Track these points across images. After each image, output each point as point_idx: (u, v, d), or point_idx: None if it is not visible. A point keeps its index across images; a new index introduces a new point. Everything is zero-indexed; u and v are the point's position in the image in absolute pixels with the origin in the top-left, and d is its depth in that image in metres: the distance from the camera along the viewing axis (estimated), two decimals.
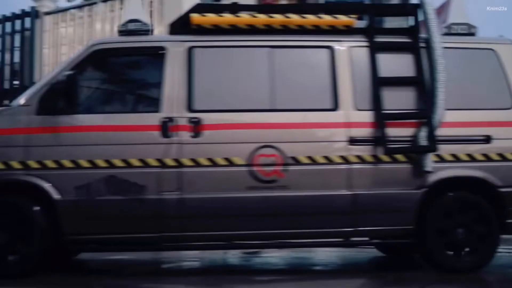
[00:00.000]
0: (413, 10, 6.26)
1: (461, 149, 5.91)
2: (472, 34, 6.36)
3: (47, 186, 5.55)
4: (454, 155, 5.88)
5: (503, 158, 5.93)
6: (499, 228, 5.90)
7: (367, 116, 5.89)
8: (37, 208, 5.59)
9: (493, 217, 5.89)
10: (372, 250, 7.47)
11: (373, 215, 5.85)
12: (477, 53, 6.23)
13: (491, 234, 5.89)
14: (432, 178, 5.84)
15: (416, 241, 5.96)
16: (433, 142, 5.77)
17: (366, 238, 6.24)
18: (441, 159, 5.87)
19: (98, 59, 5.99)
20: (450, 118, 5.91)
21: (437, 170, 5.84)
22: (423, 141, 5.79)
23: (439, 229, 5.90)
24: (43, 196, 5.57)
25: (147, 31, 6.12)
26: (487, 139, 5.93)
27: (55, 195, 5.54)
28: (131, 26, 6.08)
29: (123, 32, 6.14)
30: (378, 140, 5.81)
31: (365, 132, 5.86)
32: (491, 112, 6.04)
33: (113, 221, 5.65)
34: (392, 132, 5.82)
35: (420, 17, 6.14)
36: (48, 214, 5.58)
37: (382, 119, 5.82)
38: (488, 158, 5.91)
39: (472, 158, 5.90)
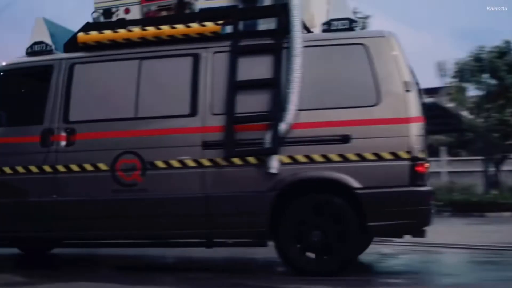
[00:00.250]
0: (278, 11, 6.15)
1: (317, 150, 5.75)
2: (352, 29, 6.11)
3: None
4: (308, 157, 5.75)
5: (362, 158, 5.67)
6: (359, 230, 5.72)
7: (221, 121, 5.96)
8: None
9: (351, 219, 5.70)
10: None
11: (228, 217, 5.98)
12: (345, 49, 6.03)
13: (350, 237, 5.72)
14: (284, 180, 5.79)
15: (274, 242, 5.99)
16: (275, 144, 5.72)
17: (225, 239, 6.43)
18: (295, 161, 5.78)
19: (1, 79, 7.00)
20: (306, 119, 5.81)
21: (290, 172, 5.79)
22: (267, 143, 5.77)
23: (294, 231, 5.87)
24: None
25: (50, 51, 6.82)
26: (346, 139, 5.71)
27: None
28: (36, 48, 6.85)
29: (29, 54, 6.90)
30: (227, 143, 5.88)
31: (218, 136, 5.94)
32: (352, 111, 5.80)
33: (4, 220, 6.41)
34: (241, 135, 5.87)
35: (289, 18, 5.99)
36: None
37: (231, 122, 5.88)
38: (345, 159, 5.68)
39: (327, 159, 5.72)
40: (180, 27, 6.35)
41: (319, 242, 5.78)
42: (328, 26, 6.16)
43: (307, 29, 6.43)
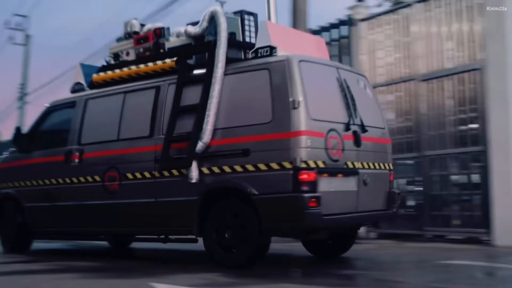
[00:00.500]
0: (208, 47, 7.22)
1: (227, 162, 6.73)
2: (272, 55, 6.86)
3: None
4: (220, 168, 6.77)
5: (257, 169, 6.51)
6: (259, 231, 6.56)
7: None
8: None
9: (252, 221, 6.56)
10: None
11: (169, 217, 7.25)
12: (254, 74, 6.86)
13: (252, 235, 6.58)
14: (203, 188, 6.85)
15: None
16: (191, 159, 6.83)
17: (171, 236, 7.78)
18: (212, 172, 6.83)
19: (47, 114, 9.22)
20: (221, 136, 6.85)
21: (208, 181, 6.88)
22: (184, 158, 6.96)
23: (213, 230, 6.86)
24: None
25: (82, 89, 8.73)
26: (246, 153, 6.60)
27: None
28: (75, 87, 8.88)
29: (72, 92, 8.93)
30: (161, 159, 7.17)
31: None
32: (253, 128, 6.64)
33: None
34: (174, 152, 7.11)
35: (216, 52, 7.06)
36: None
37: (168, 142, 7.15)
38: (246, 170, 6.58)
39: (233, 170, 6.67)
40: (151, 65, 7.77)
41: (231, 239, 6.75)
42: (256, 54, 7.02)
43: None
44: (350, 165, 6.84)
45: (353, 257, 7.94)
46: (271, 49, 6.89)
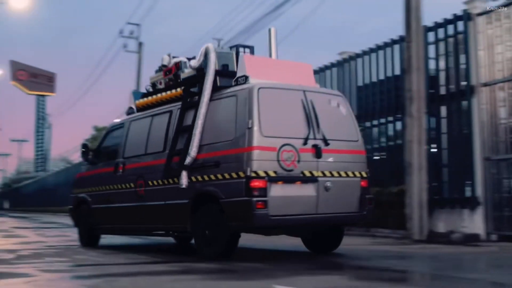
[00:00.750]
0: (199, 79, 8.74)
1: (206, 172, 8.21)
2: (246, 83, 8.21)
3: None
4: (202, 177, 8.26)
5: (224, 178, 7.91)
6: (228, 229, 7.95)
7: None
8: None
9: (222, 221, 7.94)
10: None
11: (172, 216, 8.87)
12: (228, 100, 8.32)
13: (224, 232, 7.97)
14: (192, 193, 8.35)
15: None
16: (180, 169, 8.42)
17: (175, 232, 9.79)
18: (197, 180, 8.33)
19: (108, 133, 11.40)
20: (204, 151, 8.32)
21: (194, 188, 8.34)
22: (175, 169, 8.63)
23: (198, 227, 8.36)
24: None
25: (133, 113, 10.65)
26: (217, 164, 8.05)
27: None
28: (128, 111, 10.87)
29: (127, 114, 10.95)
30: (164, 170, 8.89)
31: None
32: (222, 144, 8.12)
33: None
34: (174, 164, 8.68)
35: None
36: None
37: (170, 156, 8.82)
38: (217, 178, 8.01)
39: (210, 178, 8.15)
40: (169, 93, 9.53)
41: (209, 235, 8.19)
42: (236, 82, 8.39)
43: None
44: (308, 174, 8.00)
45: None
46: (246, 78, 8.25)
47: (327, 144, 8.20)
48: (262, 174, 7.62)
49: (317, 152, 8.09)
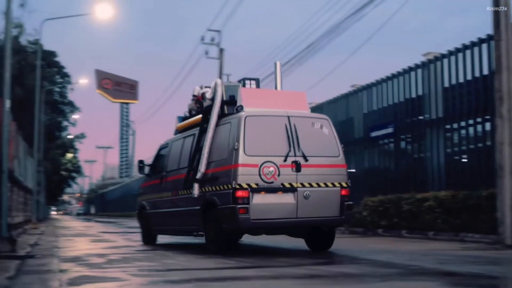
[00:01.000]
0: (208, 110, 10.65)
1: (209, 184, 10.10)
2: (240, 112, 10.06)
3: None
4: (209, 188, 10.11)
5: (220, 189, 9.73)
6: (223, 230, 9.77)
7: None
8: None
9: (220, 224, 9.69)
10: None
11: (191, 220, 10.79)
12: (225, 126, 10.17)
13: (222, 233, 9.81)
14: (202, 201, 10.24)
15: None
16: (192, 182, 10.42)
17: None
18: (205, 191, 10.21)
19: (159, 150, 13.47)
20: (210, 168, 10.20)
21: (204, 197, 10.20)
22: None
23: (206, 229, 10.30)
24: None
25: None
26: (216, 179, 9.92)
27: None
28: (175, 133, 13.02)
29: (175, 134, 13.26)
30: (183, 182, 10.97)
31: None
32: (219, 162, 10.00)
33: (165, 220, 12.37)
34: (191, 177, 10.61)
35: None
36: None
37: (189, 171, 10.83)
38: (216, 189, 9.87)
39: (213, 189, 10.00)
40: (194, 119, 11.64)
41: (214, 235, 10.06)
42: (236, 110, 10.26)
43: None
44: (287, 185, 9.53)
45: None
46: (241, 107, 10.14)
47: (306, 160, 9.74)
48: (245, 186, 9.30)
49: (297, 167, 9.66)
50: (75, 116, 67.94)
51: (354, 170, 20.04)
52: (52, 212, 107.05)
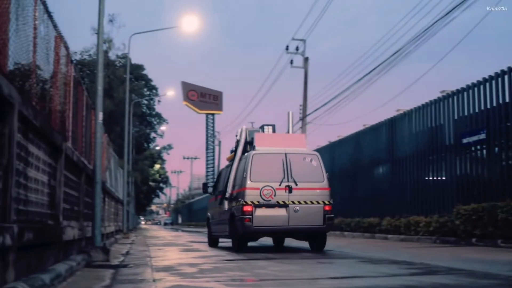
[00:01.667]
0: (236, 149, 15.41)
1: (233, 202, 14.15)
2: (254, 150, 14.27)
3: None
4: (232, 204, 14.16)
5: (237, 204, 13.66)
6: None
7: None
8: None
9: (238, 229, 13.62)
10: None
11: (224, 227, 15.00)
12: (244, 160, 14.46)
13: (236, 236, 13.98)
14: (229, 213, 14.27)
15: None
16: (223, 200, 14.88)
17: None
18: (231, 206, 14.24)
19: (219, 174, 18.18)
20: (234, 189, 14.33)
21: (230, 210, 14.30)
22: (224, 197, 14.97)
23: (230, 233, 14.35)
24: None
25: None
26: (236, 198, 14.03)
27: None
28: (229, 162, 16.46)
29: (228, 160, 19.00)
30: (219, 200, 15.61)
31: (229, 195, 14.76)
32: (237, 186, 14.03)
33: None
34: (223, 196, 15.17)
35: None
36: None
37: (223, 192, 15.12)
38: (236, 205, 13.79)
39: (234, 205, 13.89)
40: (232, 154, 16.06)
41: (233, 237, 14.14)
42: (252, 149, 14.27)
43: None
44: (281, 202, 13.31)
45: None
46: (254, 147, 14.19)
47: (296, 184, 13.45)
48: (249, 202, 13.22)
49: (289, 189, 13.42)
50: (162, 128, 69.39)
51: (444, 178, 19.55)
52: (141, 222, 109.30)
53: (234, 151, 15.09)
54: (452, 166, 19.14)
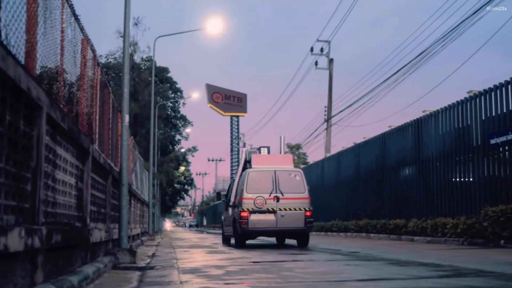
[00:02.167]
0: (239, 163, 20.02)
1: (235, 208, 17.94)
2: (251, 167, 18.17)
3: None
4: (234, 210, 18.15)
5: (238, 211, 17.25)
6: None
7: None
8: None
9: (238, 230, 17.41)
10: None
11: (230, 229, 18.95)
12: (243, 175, 18.18)
13: (237, 236, 17.76)
14: (232, 218, 18.07)
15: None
16: (227, 206, 20.04)
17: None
18: (234, 212, 17.97)
19: (230, 186, 21.36)
20: (235, 199, 18.28)
21: (233, 216, 17.97)
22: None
23: (233, 233, 18.13)
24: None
25: None
26: (236, 205, 17.69)
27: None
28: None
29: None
30: (228, 206, 19.86)
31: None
32: (238, 195, 17.97)
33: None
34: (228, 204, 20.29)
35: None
36: None
37: (227, 200, 20.48)
38: (237, 211, 17.65)
39: (235, 211, 17.80)
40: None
41: (235, 236, 18.14)
42: (249, 167, 18.03)
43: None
44: (270, 209, 16.67)
45: None
46: (250, 165, 17.85)
47: (282, 195, 16.88)
48: (245, 209, 16.70)
49: (277, 199, 16.83)
50: (187, 130, 69.57)
51: (471, 179, 19.36)
52: (166, 224, 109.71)
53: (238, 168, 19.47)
54: (480, 167, 18.93)
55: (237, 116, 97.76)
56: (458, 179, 20.42)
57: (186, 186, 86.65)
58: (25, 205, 5.22)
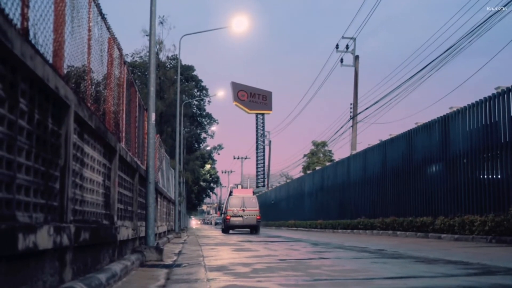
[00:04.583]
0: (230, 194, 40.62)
1: (225, 215, 39.70)
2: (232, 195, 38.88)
3: None
4: (225, 215, 38.87)
5: (224, 215, 41.54)
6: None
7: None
8: None
9: (225, 224, 39.58)
10: None
11: (223, 224, 41.91)
12: (228, 199, 38.97)
13: (225, 226, 39.68)
14: (224, 218, 39.37)
15: None
16: (221, 213, 46.93)
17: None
18: (225, 216, 40.16)
19: (230, 192, 41.70)
20: (225, 210, 40.05)
21: (224, 217, 40.06)
22: None
23: (224, 226, 40.66)
24: None
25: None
26: (225, 213, 40.72)
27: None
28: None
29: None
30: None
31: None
32: (225, 209, 42.02)
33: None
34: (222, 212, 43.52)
35: None
36: None
37: (224, 212, 40.49)
38: (224, 216, 41.81)
39: (227, 215, 39.38)
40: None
41: (224, 227, 40.39)
42: (231, 194, 39.06)
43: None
44: (240, 215, 36.35)
45: None
46: (232, 193, 38.53)
47: (246, 208, 36.03)
48: (229, 215, 36.46)
49: (244, 210, 36.09)
50: (213, 128, 69.82)
51: (499, 176, 19.17)
52: (192, 222, 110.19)
53: (229, 195, 37.65)
54: (508, 164, 18.73)
55: (262, 114, 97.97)
56: (485, 176, 20.23)
57: (211, 184, 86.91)
58: (54, 203, 5.26)
